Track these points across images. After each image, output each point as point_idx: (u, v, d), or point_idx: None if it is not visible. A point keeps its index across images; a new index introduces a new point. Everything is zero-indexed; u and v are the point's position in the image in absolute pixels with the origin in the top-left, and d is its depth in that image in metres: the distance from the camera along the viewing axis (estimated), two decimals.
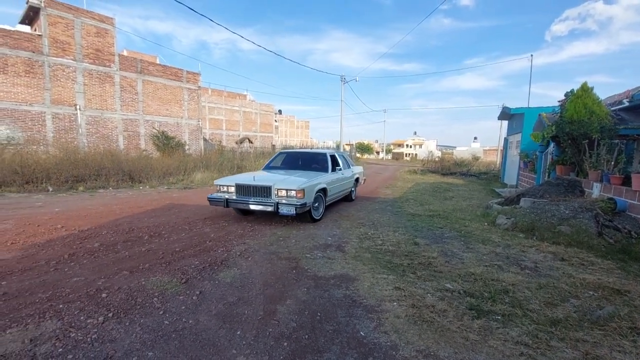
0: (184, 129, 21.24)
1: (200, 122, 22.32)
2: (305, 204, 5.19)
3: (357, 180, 8.67)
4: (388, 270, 3.60)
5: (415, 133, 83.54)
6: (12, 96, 14.38)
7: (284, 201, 5.20)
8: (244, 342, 2.20)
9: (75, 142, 15.58)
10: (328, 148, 36.52)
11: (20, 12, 16.41)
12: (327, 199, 6.30)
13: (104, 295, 2.81)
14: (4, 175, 8.40)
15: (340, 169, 7.30)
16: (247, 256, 3.96)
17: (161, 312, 2.56)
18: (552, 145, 9.07)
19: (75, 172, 9.50)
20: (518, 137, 13.19)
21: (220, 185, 5.80)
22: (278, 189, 5.31)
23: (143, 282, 3.08)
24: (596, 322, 2.57)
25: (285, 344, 2.21)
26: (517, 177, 12.66)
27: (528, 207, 6.37)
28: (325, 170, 6.72)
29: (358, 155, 43.43)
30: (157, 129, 19.02)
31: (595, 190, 6.08)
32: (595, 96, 7.27)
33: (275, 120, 45.00)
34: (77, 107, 16.22)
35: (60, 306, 2.60)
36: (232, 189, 5.61)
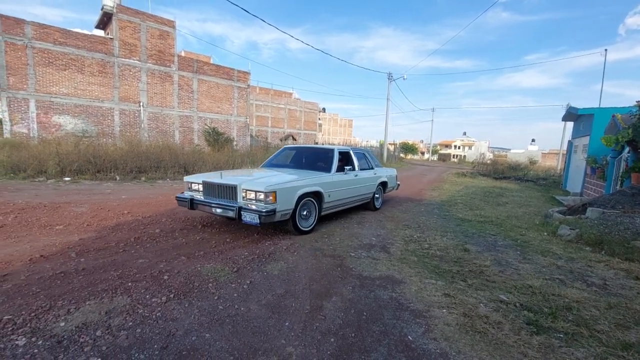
0: (233, 125, 22.27)
1: (247, 119, 23.25)
2: (273, 210, 4.02)
3: (383, 184, 7.22)
4: (436, 275, 3.48)
5: (464, 133, 79.50)
6: (88, 93, 16.11)
7: (252, 206, 4.11)
8: (292, 334, 2.27)
9: (137, 136, 17.05)
10: (371, 147, 36.05)
11: (95, 18, 18.27)
12: (323, 206, 5.07)
13: (165, 277, 3.05)
14: (80, 164, 9.45)
15: (353, 170, 5.98)
16: (293, 250, 4.06)
17: (216, 297, 2.72)
18: (627, 150, 8.11)
19: (138, 164, 10.41)
20: (585, 140, 11.99)
21: (190, 183, 4.91)
22: (246, 190, 4.22)
23: (199, 268, 3.30)
24: None
25: (332, 339, 2.23)
26: (582, 185, 11.52)
27: (596, 218, 5.78)
28: (327, 170, 5.46)
29: (402, 155, 42.36)
30: (209, 125, 20.17)
31: None
32: None
33: (319, 119, 45.42)
34: (141, 104, 17.72)
35: (129, 284, 2.87)
36: (202, 188, 4.74)
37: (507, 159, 35.56)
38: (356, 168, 6.15)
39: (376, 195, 6.97)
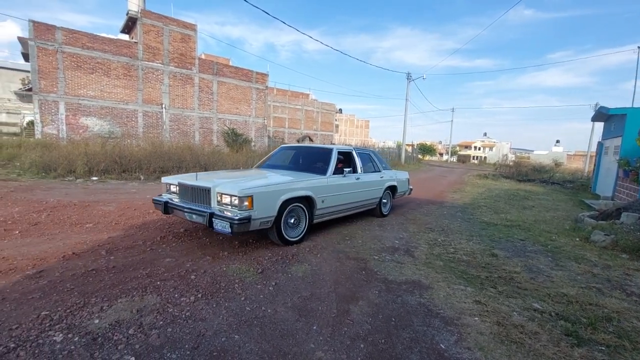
0: (251, 126, 22.50)
1: (265, 120, 23.45)
2: (248, 218, 3.47)
3: (392, 189, 6.62)
4: (464, 281, 3.38)
5: (485, 134, 77.47)
6: (113, 96, 16.64)
7: (227, 212, 3.56)
8: (320, 338, 2.24)
9: (160, 137, 17.49)
10: (388, 148, 35.69)
11: (120, 23, 18.89)
12: (315, 213, 4.54)
13: (192, 276, 3.09)
14: (107, 164, 9.77)
15: (354, 172, 5.49)
16: (315, 252, 4.03)
17: (242, 298, 2.72)
18: None
19: (161, 164, 10.66)
20: (617, 141, 11.43)
21: (168, 184, 4.50)
22: (221, 194, 3.69)
23: (224, 268, 3.32)
24: None
25: (362, 345, 2.19)
26: (613, 188, 10.98)
27: (632, 224, 5.49)
28: (323, 172, 4.93)
29: (420, 156, 41.73)
30: (228, 126, 20.47)
31: None
32: None
33: (336, 119, 45.32)
34: (163, 106, 18.17)
35: (158, 283, 2.92)
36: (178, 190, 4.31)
37: (530, 161, 34.47)
38: (358, 170, 5.64)
39: (383, 201, 6.39)
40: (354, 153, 5.78)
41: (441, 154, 70.62)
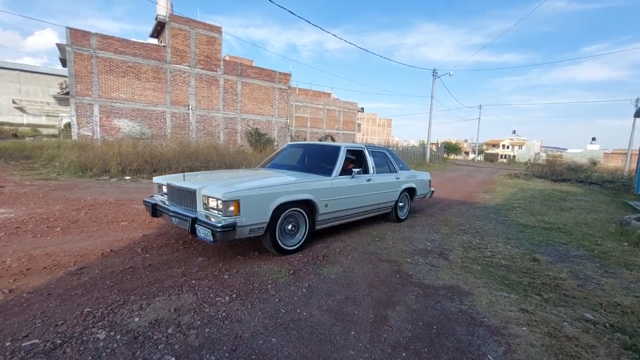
0: (274, 126, 22.70)
1: (288, 120, 23.58)
2: (233, 225, 3.08)
3: (410, 191, 6.04)
4: (506, 287, 3.19)
5: (514, 132, 74.43)
6: (143, 98, 17.25)
7: (212, 219, 3.18)
8: (360, 345, 2.16)
9: (187, 138, 17.97)
10: (413, 147, 35.00)
11: (148, 28, 19.54)
12: (318, 218, 4.07)
13: (226, 276, 3.09)
14: (139, 164, 10.12)
15: (365, 173, 5.02)
16: (346, 254, 3.95)
17: (277, 300, 2.69)
18: None
19: (189, 164, 10.91)
20: None
21: (160, 185, 4.18)
22: (207, 197, 3.30)
23: (256, 269, 3.31)
24: None
25: (404, 354, 2.09)
26: None
27: None
28: (328, 173, 4.42)
29: (445, 155, 40.68)
30: (251, 126, 20.75)
31: None
32: None
33: (358, 118, 44.93)
34: (190, 107, 18.66)
35: (193, 282, 2.94)
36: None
37: (562, 160, 32.79)
38: (370, 171, 5.14)
39: (400, 204, 5.82)
40: (365, 152, 5.28)
41: (467, 153, 68.63)
